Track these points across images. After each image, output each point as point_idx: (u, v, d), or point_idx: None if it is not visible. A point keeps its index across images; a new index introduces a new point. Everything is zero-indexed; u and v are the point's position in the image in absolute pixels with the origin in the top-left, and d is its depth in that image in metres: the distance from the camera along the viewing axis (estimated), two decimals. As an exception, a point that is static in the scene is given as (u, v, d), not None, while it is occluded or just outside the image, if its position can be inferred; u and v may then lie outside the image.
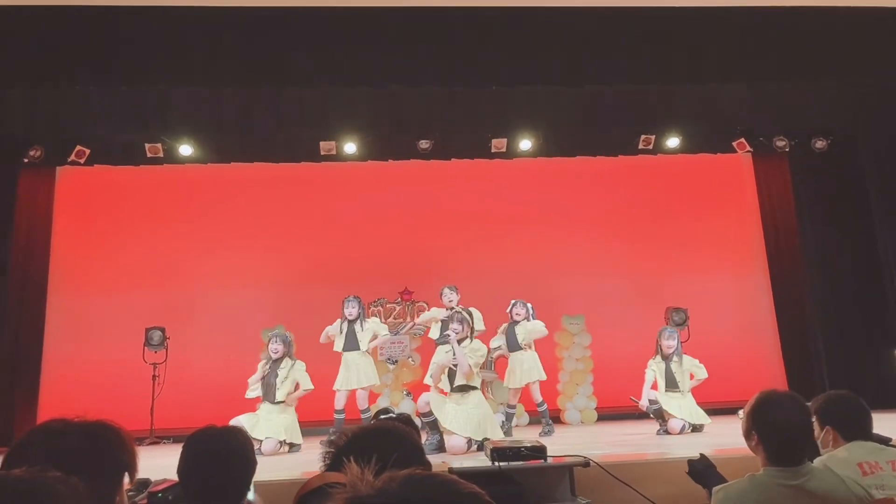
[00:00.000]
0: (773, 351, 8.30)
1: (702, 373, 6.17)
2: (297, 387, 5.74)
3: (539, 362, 6.26)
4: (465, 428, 4.96)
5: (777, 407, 1.88)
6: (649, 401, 5.95)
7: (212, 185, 8.22)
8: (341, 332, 6.03)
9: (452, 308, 5.96)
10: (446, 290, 6.30)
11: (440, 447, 5.03)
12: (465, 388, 5.15)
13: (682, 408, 5.88)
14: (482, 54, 6.03)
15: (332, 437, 1.42)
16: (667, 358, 6.08)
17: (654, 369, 6.10)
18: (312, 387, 5.76)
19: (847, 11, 6.10)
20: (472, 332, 5.36)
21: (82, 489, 1.00)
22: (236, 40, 5.84)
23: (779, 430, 1.85)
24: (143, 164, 7.78)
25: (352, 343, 6.02)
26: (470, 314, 5.62)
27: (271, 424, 5.53)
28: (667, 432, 5.75)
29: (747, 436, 1.93)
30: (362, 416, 5.91)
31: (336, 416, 5.90)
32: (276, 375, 5.69)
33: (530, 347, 6.25)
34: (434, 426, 5.13)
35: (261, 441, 5.28)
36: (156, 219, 8.12)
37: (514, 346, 6.23)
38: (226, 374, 7.23)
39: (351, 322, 6.03)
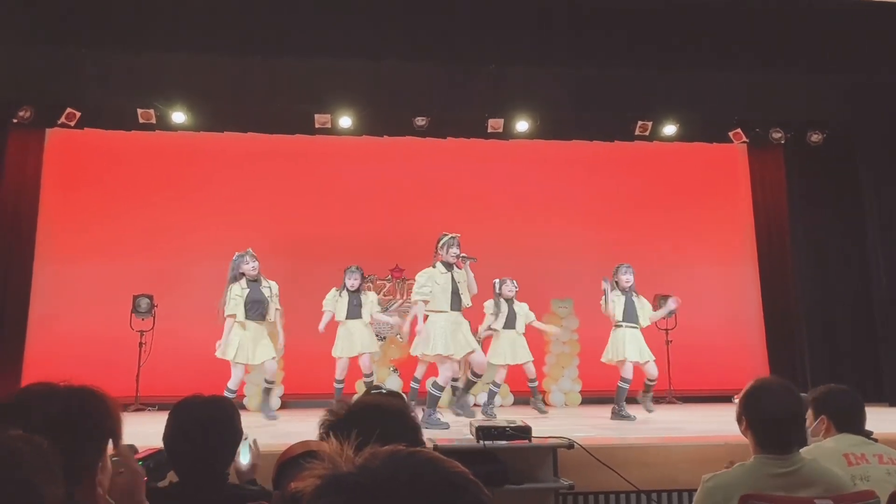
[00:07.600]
0: (757, 341, 8.37)
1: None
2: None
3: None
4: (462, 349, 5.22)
5: (767, 394, 1.90)
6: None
7: (204, 153, 8.11)
8: (342, 299, 6.01)
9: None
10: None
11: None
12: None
13: (632, 344, 5.88)
14: (482, 32, 5.96)
15: (332, 408, 1.37)
16: (625, 292, 6.04)
17: (614, 299, 6.02)
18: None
19: (847, 5, 6.07)
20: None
21: (48, 450, 0.98)
22: (235, 6, 5.74)
23: (766, 417, 1.87)
24: (135, 130, 7.66)
25: (354, 312, 6.00)
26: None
27: (266, 344, 5.60)
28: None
29: (738, 420, 1.97)
30: (365, 379, 5.98)
31: (336, 385, 5.95)
32: (262, 293, 5.60)
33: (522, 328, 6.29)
34: (434, 403, 5.22)
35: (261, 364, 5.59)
36: (146, 185, 8.02)
37: (511, 323, 6.23)
38: (213, 344, 7.21)
39: (353, 292, 6.01)
